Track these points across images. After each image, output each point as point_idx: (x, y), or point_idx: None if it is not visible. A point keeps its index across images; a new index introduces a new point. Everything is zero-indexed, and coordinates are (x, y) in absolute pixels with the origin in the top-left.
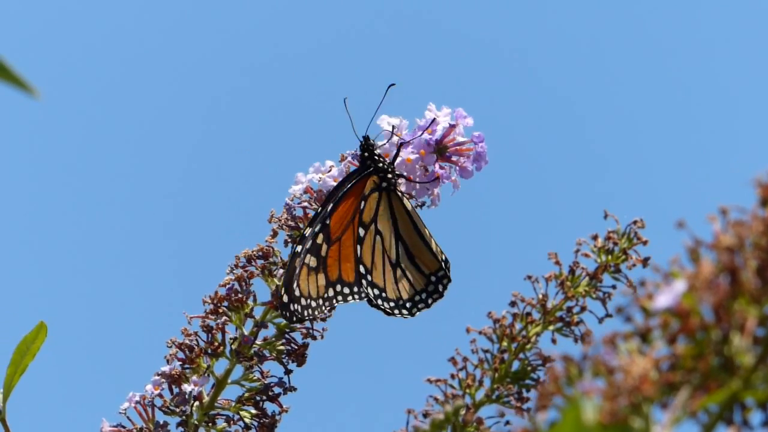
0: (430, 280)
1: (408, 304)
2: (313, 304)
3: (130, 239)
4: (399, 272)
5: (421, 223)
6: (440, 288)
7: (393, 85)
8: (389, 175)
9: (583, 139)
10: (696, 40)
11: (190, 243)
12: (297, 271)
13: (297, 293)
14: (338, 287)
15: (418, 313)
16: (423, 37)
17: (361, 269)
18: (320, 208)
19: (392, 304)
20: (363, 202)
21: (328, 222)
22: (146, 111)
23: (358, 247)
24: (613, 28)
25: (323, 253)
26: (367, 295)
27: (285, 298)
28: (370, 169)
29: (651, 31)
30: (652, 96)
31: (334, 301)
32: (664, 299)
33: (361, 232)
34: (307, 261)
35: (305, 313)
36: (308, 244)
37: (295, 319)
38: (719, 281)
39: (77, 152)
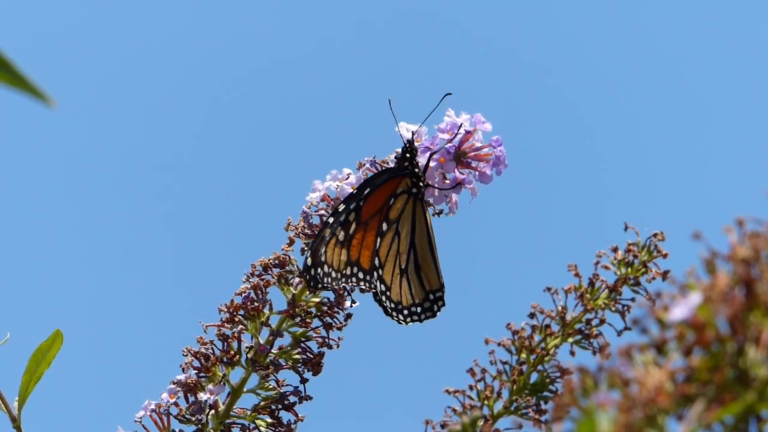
0: (428, 297)
1: (405, 312)
2: (333, 274)
3: (146, 248)
4: (404, 279)
5: (434, 240)
6: (435, 308)
7: (449, 94)
8: (420, 183)
9: (606, 150)
10: (715, 51)
11: (206, 251)
12: (327, 239)
13: (322, 259)
14: (355, 269)
15: (410, 323)
16: (437, 39)
17: (376, 262)
18: (357, 189)
19: (393, 305)
20: (393, 199)
21: (361, 204)
22: (161, 120)
23: (378, 239)
24: (634, 36)
25: (351, 231)
26: (376, 288)
27: (309, 261)
28: (407, 170)
29: (673, 44)
30: (675, 107)
31: (350, 280)
32: (679, 311)
33: (384, 226)
34: (337, 233)
35: (325, 280)
36: (341, 218)
37: (313, 283)
38: (735, 293)
39: (94, 162)
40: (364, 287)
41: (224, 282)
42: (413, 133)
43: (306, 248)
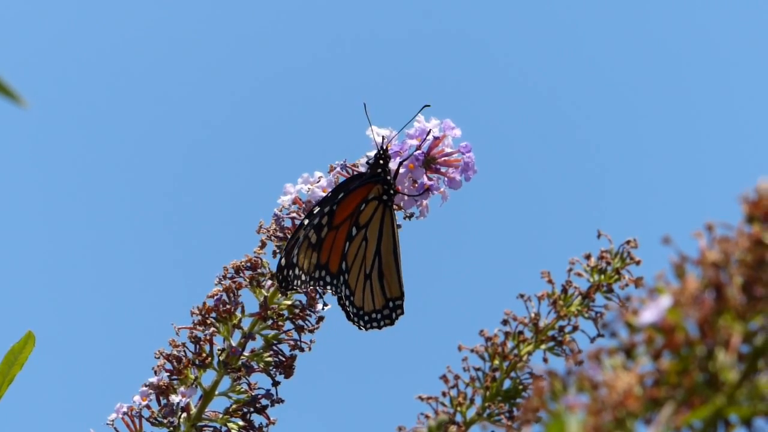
0: (388, 304)
1: (366, 318)
2: (303, 277)
3: (119, 250)
4: (368, 284)
5: (399, 248)
6: (393, 316)
7: (428, 105)
8: (391, 191)
9: (579, 154)
10: (697, 56)
11: (178, 254)
12: (300, 240)
13: (294, 260)
14: (323, 272)
15: (369, 329)
16: (411, 47)
17: (343, 266)
18: (331, 193)
19: (354, 310)
20: (364, 204)
21: (335, 208)
22: (136, 124)
23: (347, 244)
24: (607, 38)
25: (322, 234)
26: (341, 292)
27: (282, 262)
28: (379, 177)
29: (646, 45)
30: (647, 111)
31: (318, 283)
32: (649, 314)
33: (354, 231)
34: (309, 236)
35: (295, 282)
36: (315, 221)
37: (284, 285)
38: (704, 297)
39: (67, 162)
40: (330, 290)
41: (196, 284)
42: (384, 138)
43: (278, 251)
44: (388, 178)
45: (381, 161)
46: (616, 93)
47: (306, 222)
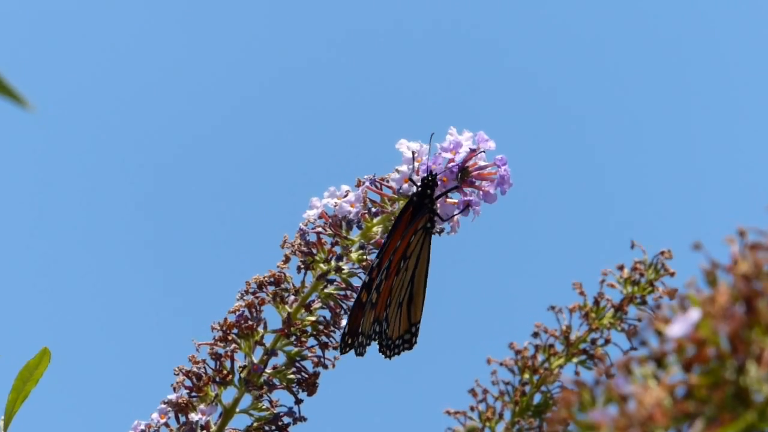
0: (410, 329)
1: (392, 345)
2: (365, 341)
3: (137, 264)
4: (399, 312)
5: (428, 272)
6: (414, 340)
7: (432, 133)
8: (435, 218)
9: (613, 165)
10: (717, 58)
11: (199, 268)
12: (367, 309)
13: (360, 329)
14: (376, 325)
15: (392, 357)
16: (442, 59)
17: (388, 300)
18: (386, 239)
19: (386, 342)
20: (413, 237)
21: (391, 258)
22: (156, 134)
23: (394, 278)
24: (640, 54)
25: (381, 289)
26: (386, 333)
27: (347, 329)
28: (427, 207)
29: (681, 60)
30: (680, 120)
31: (372, 337)
32: (677, 328)
33: (401, 264)
34: (372, 298)
35: (359, 349)
36: (375, 280)
37: (348, 350)
38: (735, 309)
39: (83, 175)
40: (376, 338)
41: (218, 300)
42: (414, 153)
43: (302, 266)
44: (434, 207)
45: (429, 191)
46: (649, 103)
47: (367, 279)
